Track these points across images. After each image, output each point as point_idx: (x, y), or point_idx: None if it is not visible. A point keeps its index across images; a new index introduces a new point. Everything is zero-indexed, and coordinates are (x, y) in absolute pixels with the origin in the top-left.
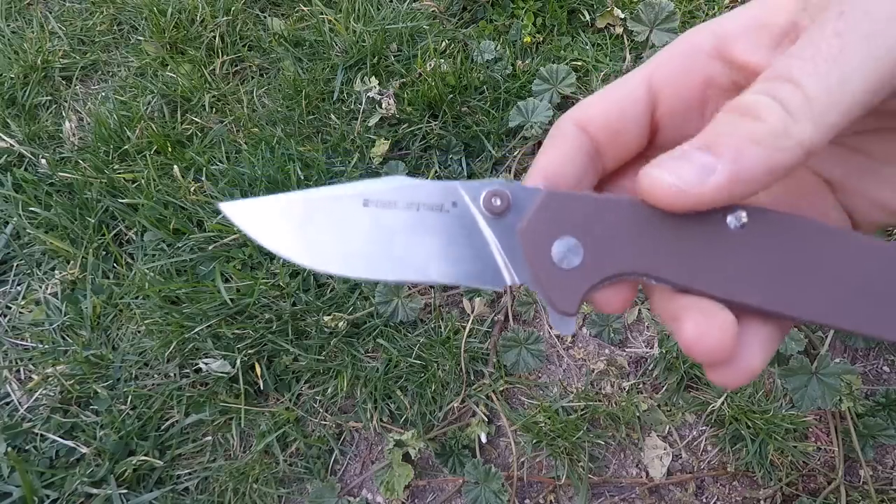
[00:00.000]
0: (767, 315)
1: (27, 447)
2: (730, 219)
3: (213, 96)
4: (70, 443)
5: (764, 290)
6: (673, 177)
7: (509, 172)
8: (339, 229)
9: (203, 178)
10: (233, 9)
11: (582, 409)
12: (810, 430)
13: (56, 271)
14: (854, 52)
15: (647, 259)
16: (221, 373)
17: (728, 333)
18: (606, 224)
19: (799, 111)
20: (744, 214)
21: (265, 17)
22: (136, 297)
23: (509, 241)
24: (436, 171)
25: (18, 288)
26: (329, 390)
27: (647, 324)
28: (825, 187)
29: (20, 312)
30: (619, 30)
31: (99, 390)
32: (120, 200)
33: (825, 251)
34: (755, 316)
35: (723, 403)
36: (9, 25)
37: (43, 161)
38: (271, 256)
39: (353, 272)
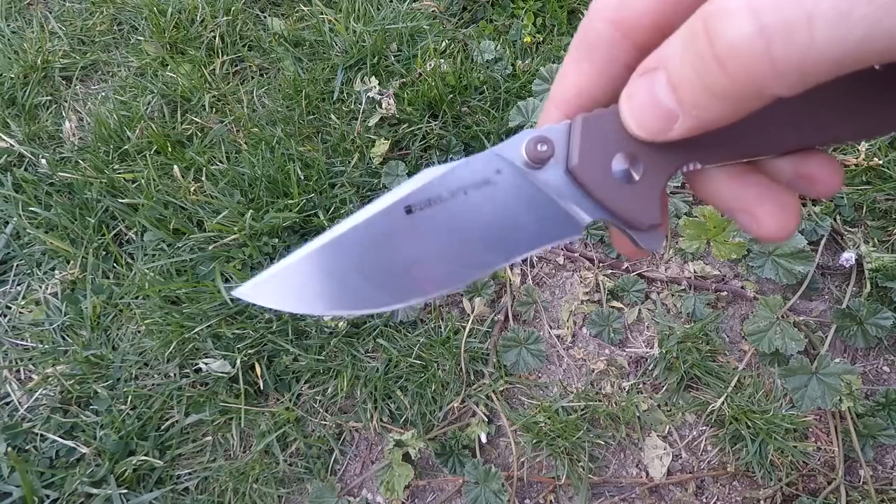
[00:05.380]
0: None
1: (27, 447)
2: None
3: (213, 96)
4: (70, 443)
5: (802, 130)
6: (639, 128)
7: None
8: (392, 255)
9: (203, 179)
10: (233, 9)
11: (582, 409)
12: (810, 430)
13: (56, 271)
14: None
15: (699, 145)
16: (221, 373)
17: (798, 215)
18: None
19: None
20: None
21: (265, 17)
22: (136, 297)
23: (563, 184)
24: None
25: (18, 288)
26: (329, 390)
27: (647, 324)
28: None
29: (20, 312)
30: None
31: (99, 390)
32: (120, 200)
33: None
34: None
35: (723, 403)
36: (9, 25)
37: (43, 161)
38: (271, 256)
39: (437, 289)
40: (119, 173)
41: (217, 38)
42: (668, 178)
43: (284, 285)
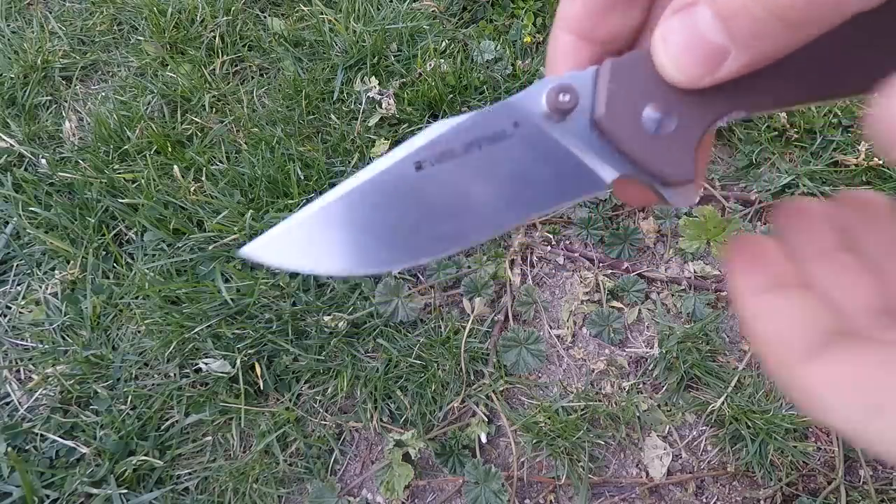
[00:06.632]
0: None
1: (27, 447)
2: None
3: (213, 96)
4: (70, 443)
5: (855, 64)
6: (679, 72)
7: None
8: (401, 213)
9: (203, 179)
10: (233, 9)
11: (582, 409)
12: (810, 430)
13: (56, 271)
14: None
15: (743, 89)
16: (221, 373)
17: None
18: None
19: None
20: None
21: (265, 17)
22: (136, 297)
23: (587, 137)
24: None
25: (18, 288)
26: (329, 390)
27: (647, 324)
28: None
29: (20, 312)
30: None
31: (99, 390)
32: (120, 200)
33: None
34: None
35: (723, 403)
36: (9, 25)
37: (43, 161)
38: None
39: (447, 248)
40: (119, 173)
41: (217, 38)
42: (706, 129)
43: (296, 243)
